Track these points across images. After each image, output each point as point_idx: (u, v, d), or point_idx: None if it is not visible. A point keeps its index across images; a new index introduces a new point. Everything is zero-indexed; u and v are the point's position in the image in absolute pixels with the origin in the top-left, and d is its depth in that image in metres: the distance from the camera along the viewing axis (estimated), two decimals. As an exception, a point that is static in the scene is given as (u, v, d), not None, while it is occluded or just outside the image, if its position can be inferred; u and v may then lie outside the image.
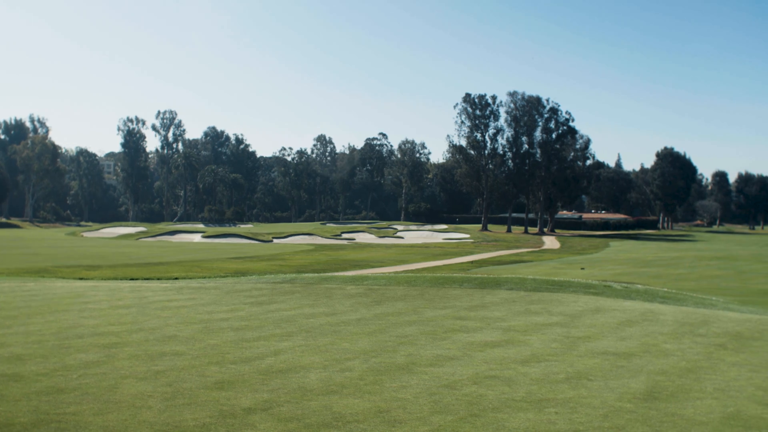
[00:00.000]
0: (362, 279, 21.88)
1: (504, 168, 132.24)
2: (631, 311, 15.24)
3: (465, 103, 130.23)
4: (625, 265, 64.91)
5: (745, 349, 11.22)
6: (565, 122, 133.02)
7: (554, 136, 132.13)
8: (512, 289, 18.38)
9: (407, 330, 12.29)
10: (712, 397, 8.07)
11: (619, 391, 8.26)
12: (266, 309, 15.04)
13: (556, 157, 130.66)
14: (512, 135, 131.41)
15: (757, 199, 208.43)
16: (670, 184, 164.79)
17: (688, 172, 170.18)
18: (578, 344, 11.21)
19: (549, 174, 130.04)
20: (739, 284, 46.02)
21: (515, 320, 13.54)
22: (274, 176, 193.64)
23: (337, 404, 7.54)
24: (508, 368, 9.34)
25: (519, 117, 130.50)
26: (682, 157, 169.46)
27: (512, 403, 7.65)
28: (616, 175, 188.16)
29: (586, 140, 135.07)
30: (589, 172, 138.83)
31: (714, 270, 59.85)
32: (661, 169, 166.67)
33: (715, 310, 17.25)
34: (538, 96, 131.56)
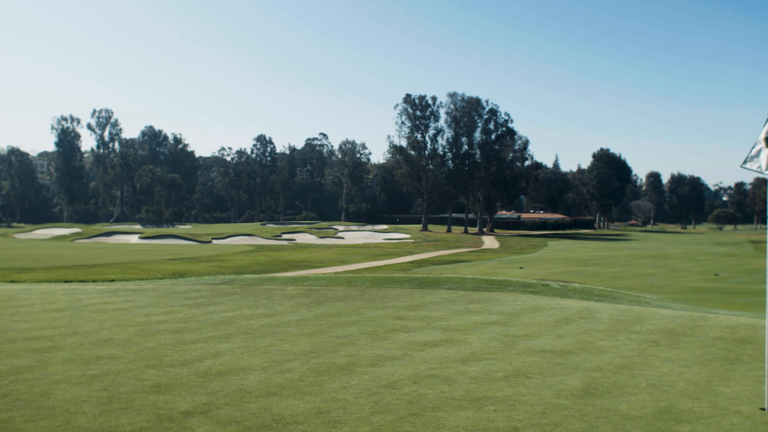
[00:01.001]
0: (302, 280, 21.80)
1: (444, 168, 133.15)
2: (568, 309, 15.50)
3: (405, 103, 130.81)
4: (563, 264, 65.97)
5: (677, 345, 11.50)
6: (504, 123, 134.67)
7: (494, 137, 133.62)
8: (452, 289, 18.52)
9: (347, 330, 12.28)
10: (646, 392, 8.25)
11: (556, 388, 8.39)
12: (205, 311, 14.86)
13: (496, 158, 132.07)
14: (452, 136, 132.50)
15: (688, 199, 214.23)
16: (606, 184, 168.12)
17: (623, 173, 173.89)
18: (517, 342, 11.35)
19: (488, 174, 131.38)
20: (672, 282, 47.20)
21: (455, 319, 13.64)
22: (213, 176, 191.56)
23: (276, 406, 7.49)
24: (448, 367, 9.40)
25: (459, 118, 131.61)
26: (618, 158, 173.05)
27: (452, 402, 7.70)
28: (553, 176, 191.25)
29: (524, 141, 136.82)
30: (527, 172, 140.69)
31: (648, 268, 61.27)
32: (598, 170, 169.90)
33: (648, 307, 17.65)
34: (478, 97, 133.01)
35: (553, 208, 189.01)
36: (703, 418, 7.28)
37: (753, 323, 14.40)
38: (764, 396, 8.02)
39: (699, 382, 8.88)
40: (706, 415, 7.37)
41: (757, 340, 12.03)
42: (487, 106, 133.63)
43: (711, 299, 32.92)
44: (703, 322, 14.20)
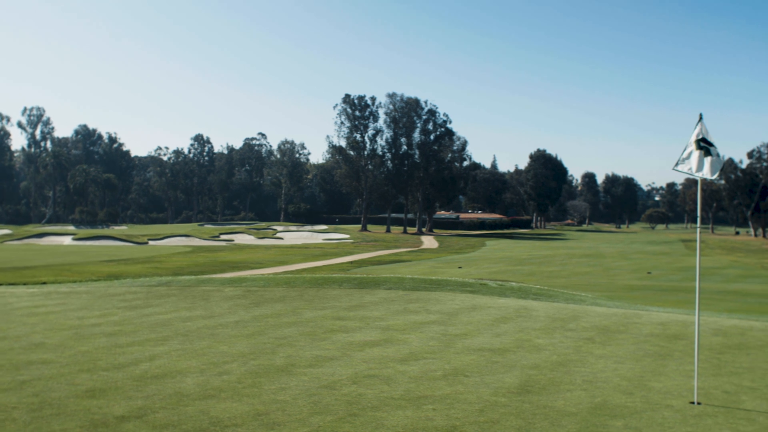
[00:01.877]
0: (241, 281, 21.59)
1: (383, 169, 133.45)
2: (506, 308, 15.68)
3: (345, 104, 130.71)
4: (501, 263, 66.73)
5: (611, 342, 11.74)
6: (443, 124, 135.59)
7: (432, 138, 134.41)
8: (391, 289, 18.56)
9: (286, 331, 12.21)
10: (581, 389, 8.40)
11: (494, 386, 8.48)
12: (141, 313, 14.60)
13: (435, 158, 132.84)
14: (391, 136, 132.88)
15: (622, 199, 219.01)
16: (542, 184, 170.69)
17: (559, 174, 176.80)
18: (455, 341, 11.44)
19: (427, 175, 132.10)
20: (607, 280, 48.16)
21: (394, 319, 13.68)
22: (149, 176, 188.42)
23: (214, 409, 7.40)
24: (387, 367, 9.42)
25: (398, 118, 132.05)
26: (554, 158, 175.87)
27: (391, 402, 7.71)
28: (492, 176, 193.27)
29: (463, 142, 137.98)
30: (466, 172, 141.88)
31: (583, 267, 62.41)
32: (535, 171, 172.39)
33: (584, 305, 17.96)
34: (417, 98, 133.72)
35: (491, 208, 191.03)
36: (636, 412, 7.45)
37: (684, 320, 14.78)
38: (694, 390, 8.23)
39: (632, 377, 9.07)
40: (638, 410, 7.54)
41: (687, 336, 12.35)
42: (426, 106, 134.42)
43: (644, 297, 33.69)
44: (636, 320, 14.52)
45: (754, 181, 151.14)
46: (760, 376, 9.42)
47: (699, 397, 8.10)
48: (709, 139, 8.32)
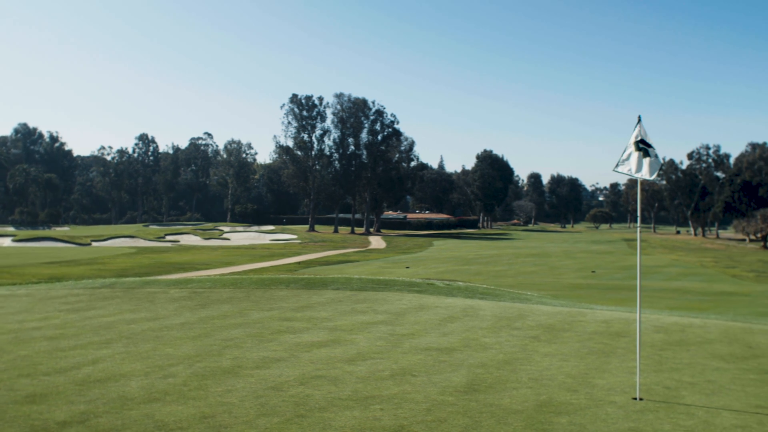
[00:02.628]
0: (187, 282, 21.33)
1: (331, 169, 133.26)
2: (453, 308, 15.78)
3: (292, 103, 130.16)
4: (448, 263, 67.14)
5: (556, 340, 11.91)
6: (390, 124, 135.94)
7: (380, 138, 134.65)
8: (339, 289, 18.54)
9: (233, 333, 12.10)
10: (527, 387, 8.50)
11: (441, 385, 8.53)
12: (83, 316, 14.33)
13: (382, 159, 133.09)
14: (339, 136, 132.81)
15: (567, 199, 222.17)
16: (489, 185, 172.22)
17: (505, 174, 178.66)
18: (403, 341, 11.47)
19: (375, 175, 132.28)
20: (552, 279, 48.82)
21: (341, 320, 13.67)
22: (92, 176, 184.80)
23: (159, 412, 7.30)
24: (335, 367, 9.41)
25: (346, 118, 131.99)
26: (501, 159, 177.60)
27: (338, 402, 7.71)
28: (439, 177, 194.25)
29: (410, 142, 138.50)
30: (413, 173, 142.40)
31: (529, 266, 63.15)
32: (481, 171, 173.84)
33: (530, 304, 18.18)
34: (364, 98, 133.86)
35: (439, 208, 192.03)
36: (581, 409, 7.56)
37: (626, 317, 15.07)
38: (636, 386, 8.40)
39: (577, 375, 9.21)
40: (583, 407, 7.66)
41: (629, 334, 12.59)
42: (373, 107, 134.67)
43: (588, 295, 34.27)
44: (581, 318, 14.75)
45: (694, 182, 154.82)
46: (699, 371, 9.65)
47: (641, 393, 8.26)
48: (648, 140, 8.50)
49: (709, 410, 7.65)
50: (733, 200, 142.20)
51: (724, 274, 60.15)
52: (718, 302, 33.56)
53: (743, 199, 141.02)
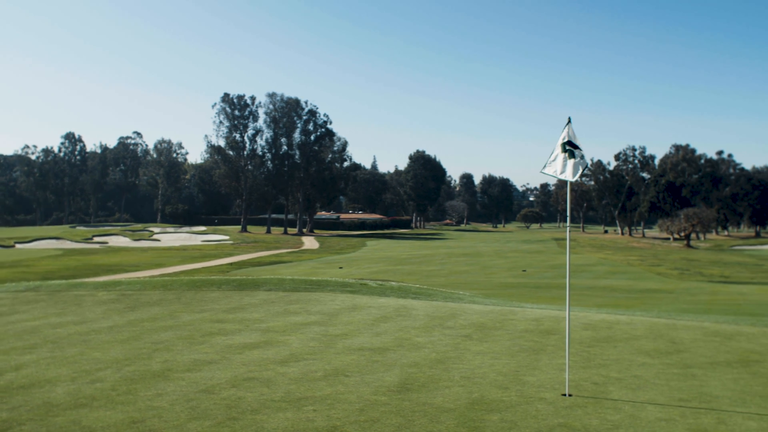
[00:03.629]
0: (115, 284, 20.87)
1: (263, 169, 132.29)
2: (386, 308, 15.82)
3: (224, 103, 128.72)
4: (381, 263, 67.33)
5: (488, 338, 12.04)
6: (323, 124, 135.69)
7: (313, 138, 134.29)
8: (271, 290, 18.40)
9: (163, 336, 11.90)
10: (459, 385, 8.58)
11: (374, 385, 8.54)
12: (6, 320, 13.90)
13: (315, 159, 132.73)
14: (272, 136, 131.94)
15: (498, 199, 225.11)
16: (422, 185, 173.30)
17: (438, 174, 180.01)
18: (336, 342, 11.46)
19: (308, 175, 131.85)
20: (484, 278, 49.41)
21: (274, 321, 13.58)
22: (16, 176, 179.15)
23: (86, 418, 7.13)
24: (267, 369, 9.34)
25: (278, 118, 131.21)
26: (433, 159, 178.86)
27: (271, 404, 7.65)
28: (372, 177, 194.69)
29: (343, 142, 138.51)
30: (346, 173, 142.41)
31: (462, 266, 63.78)
32: (414, 171, 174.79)
33: (462, 303, 18.34)
34: (297, 98, 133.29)
35: (372, 208, 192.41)
36: (512, 406, 7.67)
37: (556, 315, 15.33)
38: (565, 383, 8.56)
39: (508, 372, 9.34)
40: (514, 404, 7.77)
41: (559, 331, 12.82)
42: (306, 107, 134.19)
43: (519, 294, 34.78)
44: (512, 316, 14.94)
45: (621, 182, 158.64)
46: (625, 367, 9.88)
47: (570, 389, 8.42)
48: (576, 142, 8.66)
49: (635, 404, 7.84)
50: (658, 200, 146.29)
51: (650, 272, 61.78)
52: (644, 299, 34.46)
53: (667, 199, 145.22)
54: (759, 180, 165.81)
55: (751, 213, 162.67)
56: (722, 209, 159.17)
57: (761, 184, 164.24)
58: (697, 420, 7.27)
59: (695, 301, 33.37)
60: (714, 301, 33.46)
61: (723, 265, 74.51)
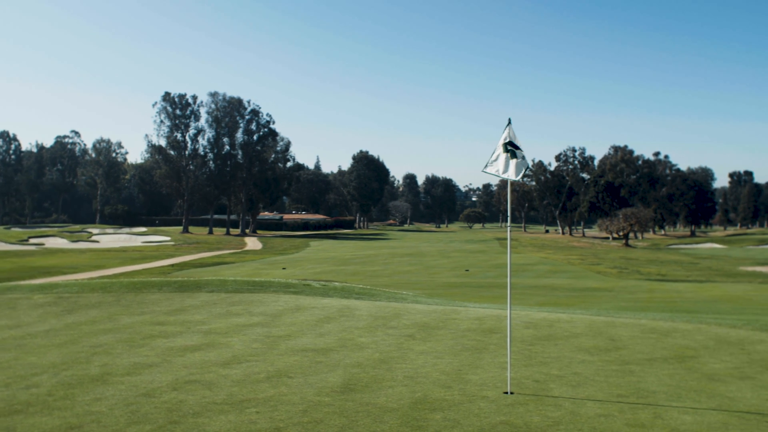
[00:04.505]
0: (52, 287, 20.38)
1: (205, 169, 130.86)
2: (329, 308, 15.78)
3: (165, 102, 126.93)
4: (325, 263, 67.20)
5: (431, 338, 12.10)
6: (266, 124, 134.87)
7: (256, 138, 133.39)
8: (213, 291, 18.21)
9: (102, 339, 11.67)
10: (402, 385, 8.60)
11: (317, 386, 8.51)
12: (-63, 324, 13.46)
13: (258, 159, 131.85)
14: (214, 136, 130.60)
15: (441, 200, 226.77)
16: (365, 185, 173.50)
17: (381, 175, 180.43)
18: (279, 343, 11.38)
19: (251, 175, 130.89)
20: (427, 278, 49.68)
21: (216, 323, 13.43)
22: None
23: (21, 425, 6.94)
24: (209, 371, 9.23)
25: (221, 118, 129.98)
26: (377, 160, 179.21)
27: (213, 407, 7.56)
28: (315, 177, 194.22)
29: (286, 142, 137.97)
30: (289, 173, 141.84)
31: (405, 266, 64.03)
32: (357, 172, 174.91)
33: (405, 303, 18.40)
34: (240, 97, 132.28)
35: (315, 208, 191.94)
36: (454, 405, 7.72)
37: (498, 314, 15.49)
38: (507, 381, 8.65)
39: (450, 371, 9.39)
40: (456, 402, 7.82)
41: (501, 330, 12.95)
42: (249, 106, 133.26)
43: (462, 293, 35.07)
44: (455, 315, 15.04)
45: (562, 183, 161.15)
46: (566, 364, 10.04)
47: (512, 387, 8.51)
48: (516, 142, 8.77)
49: (575, 401, 7.96)
50: (598, 200, 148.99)
51: (590, 271, 62.89)
52: (584, 298, 35.06)
53: (606, 199, 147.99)
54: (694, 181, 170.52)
55: (687, 213, 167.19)
56: (659, 209, 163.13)
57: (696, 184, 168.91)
58: (635, 415, 7.42)
59: (633, 299, 34.08)
60: (651, 299, 34.22)
61: (660, 264, 76.31)
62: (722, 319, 16.23)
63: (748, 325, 14.53)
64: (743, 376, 9.53)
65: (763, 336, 12.91)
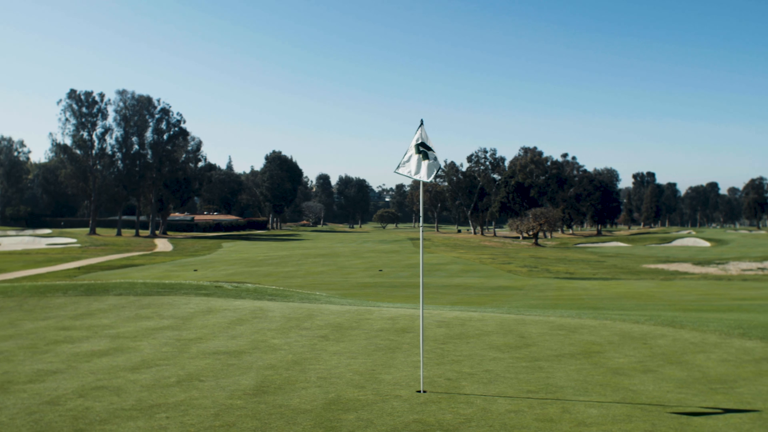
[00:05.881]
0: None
1: (114, 169, 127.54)
2: (242, 310, 15.62)
3: (70, 99, 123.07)
4: (237, 265, 66.47)
5: (344, 338, 12.11)
6: (177, 123, 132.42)
7: (166, 137, 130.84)
8: (122, 295, 17.77)
9: (2, 346, 11.23)
10: (316, 386, 8.57)
11: (230, 389, 8.40)
12: None
13: (168, 159, 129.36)
14: (122, 135, 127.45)
15: (355, 200, 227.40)
16: (278, 186, 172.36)
17: (294, 175, 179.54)
18: (190, 346, 11.19)
19: (161, 175, 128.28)
20: (341, 279, 49.70)
21: (125, 327, 13.11)
22: None
23: None
24: (117, 377, 8.99)
25: (129, 116, 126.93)
26: (290, 160, 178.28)
27: (121, 413, 7.36)
28: (227, 177, 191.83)
29: (198, 142, 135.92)
30: (201, 173, 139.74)
31: (319, 267, 63.88)
32: (270, 172, 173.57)
33: (319, 304, 18.37)
34: (149, 96, 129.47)
35: (228, 209, 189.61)
36: (368, 404, 7.73)
37: (411, 313, 15.61)
38: (420, 379, 8.72)
39: (364, 371, 9.41)
40: (370, 402, 7.83)
41: (414, 329, 13.06)
42: (159, 105, 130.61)
43: (376, 293, 35.21)
44: (368, 315, 15.09)
45: (473, 183, 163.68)
46: (477, 362, 10.19)
47: (425, 386, 8.58)
48: (428, 143, 8.85)
49: (487, 398, 8.09)
50: (508, 200, 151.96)
51: (501, 270, 64.07)
52: (496, 296, 35.69)
53: (517, 199, 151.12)
54: (600, 181, 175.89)
55: (593, 212, 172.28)
56: (567, 209, 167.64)
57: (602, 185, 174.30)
58: (544, 410, 7.59)
59: (543, 297, 34.88)
60: (560, 297, 35.10)
61: (568, 262, 78.38)
62: (626, 315, 16.78)
63: (650, 320, 15.06)
64: (646, 369, 9.87)
65: (664, 330, 13.41)
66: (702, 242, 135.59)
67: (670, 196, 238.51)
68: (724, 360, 10.65)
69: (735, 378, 9.40)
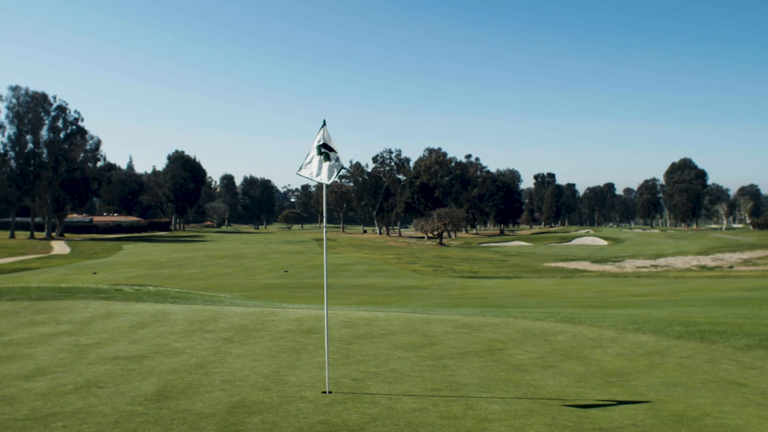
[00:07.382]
0: None
1: (6, 168, 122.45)
2: (143, 313, 15.26)
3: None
4: (139, 267, 64.93)
5: (249, 340, 11.98)
6: (74, 122, 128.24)
7: (63, 136, 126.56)
8: (15, 300, 17.09)
9: None
10: (220, 389, 8.45)
11: (130, 395, 8.19)
12: None
13: (65, 158, 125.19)
14: (15, 133, 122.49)
15: (260, 201, 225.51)
16: (181, 186, 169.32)
17: (198, 175, 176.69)
18: (88, 351, 10.86)
19: (57, 175, 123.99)
20: (246, 280, 49.20)
21: (18, 333, 12.61)
22: None
23: None
24: (10, 386, 8.63)
25: (23, 114, 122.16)
26: (193, 160, 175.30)
27: (14, 423, 7.07)
28: (128, 178, 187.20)
29: (96, 141, 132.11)
30: (100, 174, 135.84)
31: (223, 268, 63.07)
32: (173, 172, 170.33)
33: (223, 306, 18.12)
34: (44, 93, 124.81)
35: (129, 210, 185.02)
36: (273, 407, 7.68)
37: (317, 314, 15.58)
38: (326, 380, 8.72)
39: (269, 374, 9.34)
40: (275, 404, 7.78)
41: (319, 330, 13.04)
42: (55, 102, 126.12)
43: (281, 294, 35.01)
44: (273, 317, 14.98)
45: (379, 184, 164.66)
46: (383, 362, 10.25)
47: (330, 386, 8.58)
48: (331, 144, 8.84)
49: (392, 397, 8.15)
50: (413, 201, 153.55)
51: (406, 270, 64.65)
52: (401, 296, 36.01)
53: (421, 199, 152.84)
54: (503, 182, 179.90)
55: (496, 212, 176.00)
56: (471, 209, 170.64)
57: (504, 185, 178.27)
58: (448, 407, 7.69)
59: (447, 296, 35.40)
60: (464, 296, 35.70)
61: (472, 262, 79.80)
62: (528, 313, 17.20)
63: (550, 317, 15.48)
64: (546, 365, 10.15)
65: (563, 327, 13.81)
66: (600, 241, 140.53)
67: (570, 197, 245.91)
68: (620, 354, 11.06)
69: (630, 371, 9.78)
